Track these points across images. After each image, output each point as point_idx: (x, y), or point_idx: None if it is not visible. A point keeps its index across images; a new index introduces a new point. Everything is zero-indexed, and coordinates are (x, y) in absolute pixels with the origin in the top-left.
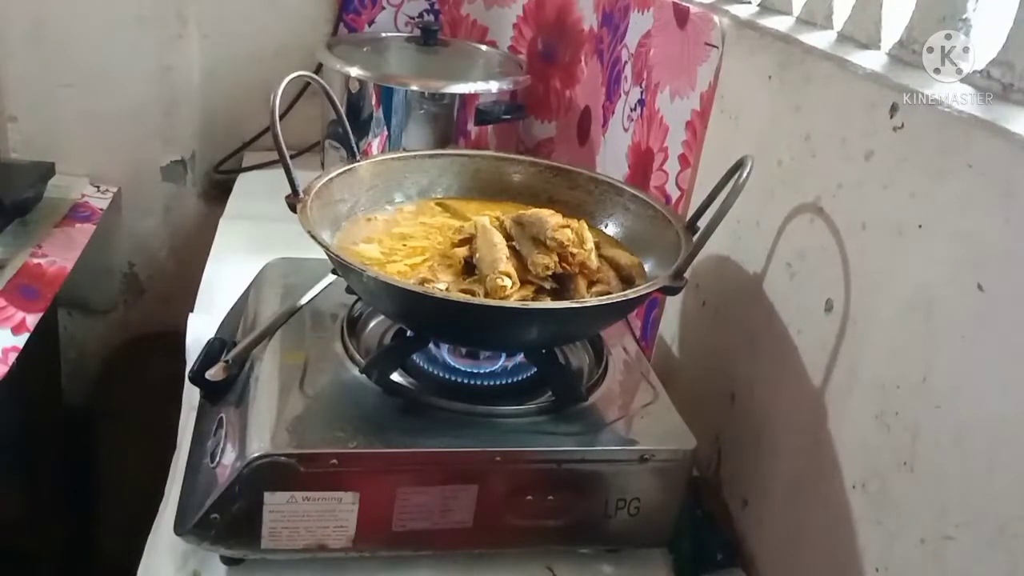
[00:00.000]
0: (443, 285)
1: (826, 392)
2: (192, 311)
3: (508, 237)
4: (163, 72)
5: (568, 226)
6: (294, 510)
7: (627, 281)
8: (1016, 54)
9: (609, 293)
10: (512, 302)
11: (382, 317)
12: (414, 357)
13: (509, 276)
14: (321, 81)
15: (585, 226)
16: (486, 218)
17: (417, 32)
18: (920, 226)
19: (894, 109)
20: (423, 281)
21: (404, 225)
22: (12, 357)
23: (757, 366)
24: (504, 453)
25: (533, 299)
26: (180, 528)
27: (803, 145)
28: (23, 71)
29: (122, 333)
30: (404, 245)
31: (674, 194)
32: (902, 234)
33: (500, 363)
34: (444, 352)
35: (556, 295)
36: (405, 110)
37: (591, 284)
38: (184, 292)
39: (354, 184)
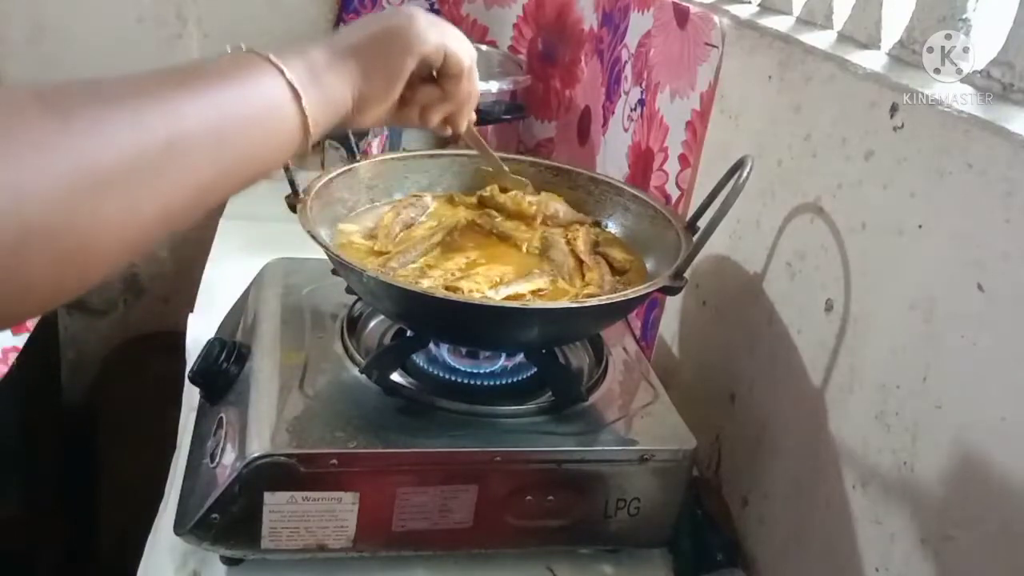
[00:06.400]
0: (427, 283)
1: (826, 392)
2: (192, 311)
3: None
4: None
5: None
6: (294, 510)
7: (620, 272)
8: (1016, 54)
9: (600, 288)
10: (511, 302)
11: (382, 317)
12: (414, 357)
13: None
14: None
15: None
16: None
17: None
18: (920, 226)
19: (894, 109)
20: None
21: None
22: (12, 357)
23: (757, 366)
24: (504, 453)
25: (531, 298)
26: (180, 528)
27: (803, 145)
28: (23, 71)
29: (122, 333)
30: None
31: (674, 194)
32: (902, 234)
33: (500, 363)
34: (444, 352)
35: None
36: None
37: (584, 285)
38: (184, 292)
39: (354, 184)
